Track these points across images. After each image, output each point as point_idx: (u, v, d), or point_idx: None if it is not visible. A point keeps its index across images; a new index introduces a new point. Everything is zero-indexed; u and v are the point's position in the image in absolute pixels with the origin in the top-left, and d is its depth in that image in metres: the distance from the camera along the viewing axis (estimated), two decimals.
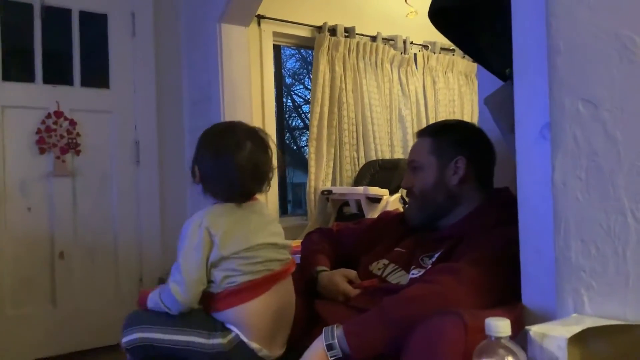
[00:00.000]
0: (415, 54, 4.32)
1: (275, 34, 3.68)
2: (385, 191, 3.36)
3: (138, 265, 3.02)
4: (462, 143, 1.43)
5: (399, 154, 4.08)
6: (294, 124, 9.29)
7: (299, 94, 9.51)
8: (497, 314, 0.84)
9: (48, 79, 2.85)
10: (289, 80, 9.08)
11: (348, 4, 4.02)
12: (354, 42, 3.89)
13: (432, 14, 1.48)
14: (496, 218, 1.32)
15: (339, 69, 3.79)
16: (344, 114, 3.81)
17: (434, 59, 4.38)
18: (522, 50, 1.06)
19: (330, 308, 1.38)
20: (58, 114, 2.83)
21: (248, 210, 1.31)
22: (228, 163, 1.27)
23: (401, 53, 4.19)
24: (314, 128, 3.67)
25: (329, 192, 3.56)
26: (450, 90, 4.47)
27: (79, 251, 2.88)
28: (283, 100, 4.31)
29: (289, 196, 6.07)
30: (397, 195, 3.41)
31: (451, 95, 4.48)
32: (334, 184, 3.77)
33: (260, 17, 3.54)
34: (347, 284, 1.43)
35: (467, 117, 4.43)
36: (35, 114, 2.79)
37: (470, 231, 1.32)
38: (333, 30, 3.81)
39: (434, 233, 1.43)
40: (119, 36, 3.04)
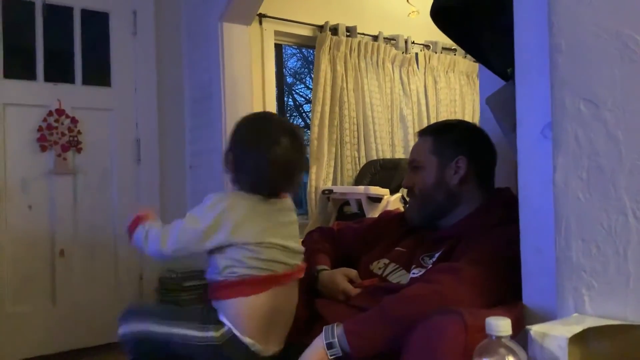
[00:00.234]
0: (416, 54, 4.32)
1: (277, 33, 3.68)
2: (386, 191, 3.36)
3: (138, 264, 3.02)
4: (463, 143, 1.42)
5: (400, 154, 4.08)
6: (294, 123, 9.29)
7: (300, 93, 9.51)
8: (497, 314, 0.83)
9: (49, 77, 2.85)
10: (290, 80, 9.08)
11: (350, 3, 4.02)
12: (355, 41, 3.89)
13: (434, 13, 1.48)
14: (497, 218, 1.32)
15: (340, 68, 3.79)
16: (345, 114, 3.81)
17: (435, 59, 4.38)
18: (523, 50, 1.06)
19: (330, 307, 1.38)
20: (59, 112, 2.83)
21: (272, 207, 1.30)
22: (262, 156, 1.26)
23: (403, 52, 4.19)
24: (315, 127, 3.67)
25: (330, 191, 3.56)
26: (451, 90, 4.47)
27: (80, 249, 2.88)
28: (284, 99, 4.31)
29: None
30: (397, 195, 3.41)
31: (452, 95, 4.48)
32: (334, 183, 3.77)
33: (261, 16, 3.54)
34: (347, 283, 1.43)
35: (468, 117, 4.43)
36: (37, 112, 2.79)
37: (471, 231, 1.31)
38: (335, 30, 3.81)
39: (435, 233, 1.43)
40: (121, 34, 3.04)
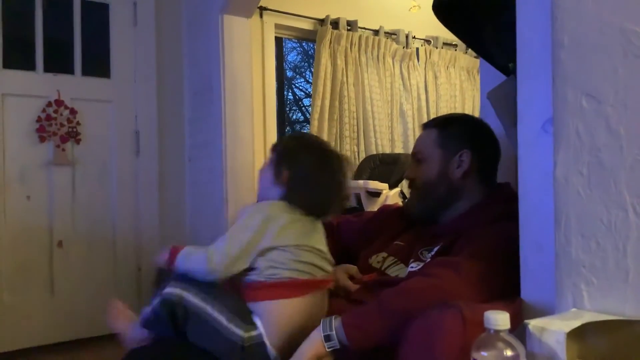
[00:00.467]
0: (417, 49, 4.31)
1: (278, 26, 3.67)
2: (385, 185, 3.36)
3: (136, 256, 3.02)
4: (468, 136, 1.41)
5: (399, 149, 4.08)
6: (294, 117, 9.28)
7: (300, 87, 9.49)
8: (496, 308, 0.84)
9: (49, 68, 2.84)
10: (290, 74, 9.06)
11: None
12: (356, 35, 3.88)
13: (436, 6, 1.47)
14: (496, 213, 1.32)
15: (340, 62, 3.78)
16: (345, 108, 3.81)
17: (436, 54, 4.37)
18: (526, 44, 1.06)
19: (331, 302, 1.38)
20: (59, 103, 2.82)
21: (307, 220, 1.32)
22: (326, 182, 1.31)
23: (403, 47, 4.18)
24: (315, 121, 3.67)
25: None
26: (451, 86, 4.47)
27: (78, 240, 2.88)
28: (284, 93, 4.30)
29: None
30: (396, 189, 3.41)
31: (453, 90, 4.47)
32: None
33: (262, 9, 3.53)
34: (348, 279, 1.44)
35: (468, 113, 4.42)
36: (36, 103, 2.79)
37: (470, 226, 1.31)
38: (335, 24, 3.80)
39: (434, 227, 1.42)
40: (121, 25, 3.02)
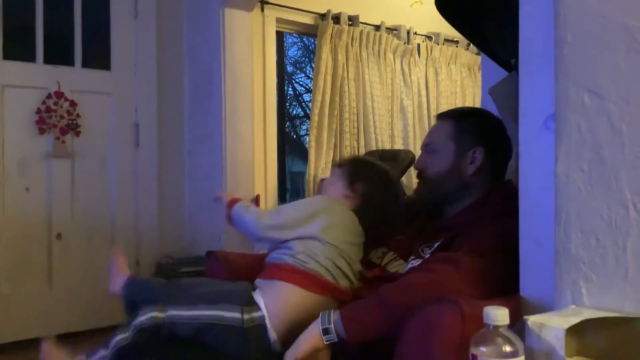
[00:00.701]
0: (418, 45, 4.30)
1: (279, 20, 3.65)
2: None
3: (135, 248, 3.02)
4: (484, 134, 1.39)
5: (399, 145, 4.07)
6: (294, 112, 9.27)
7: (300, 82, 9.48)
8: (495, 304, 0.83)
9: (49, 59, 2.83)
10: (290, 69, 9.04)
11: None
12: (357, 30, 3.86)
13: (439, 2, 1.47)
14: (497, 210, 1.31)
15: (341, 57, 3.77)
16: (345, 103, 3.79)
17: (437, 50, 4.36)
18: (528, 40, 1.05)
19: None
20: (58, 95, 2.82)
21: (357, 234, 1.36)
22: (390, 210, 1.39)
23: (404, 43, 4.17)
24: (315, 116, 3.66)
25: None
26: (452, 82, 4.45)
27: (76, 232, 2.88)
28: (284, 88, 4.29)
29: (288, 184, 6.08)
30: None
31: (453, 87, 4.46)
32: None
33: (263, 3, 3.51)
34: None
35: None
36: (36, 94, 2.78)
37: (471, 222, 1.31)
38: (337, 18, 3.78)
39: (435, 223, 1.42)
40: (121, 17, 3.01)
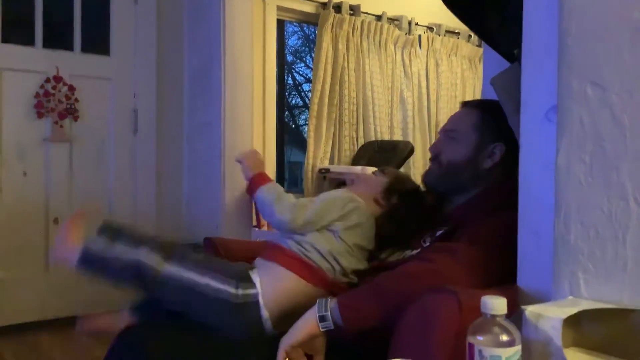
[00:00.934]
0: (419, 36, 4.28)
1: (279, 8, 3.63)
2: None
3: None
4: (507, 130, 1.32)
5: (399, 136, 4.07)
6: (293, 102, 9.24)
7: (300, 72, 9.44)
8: (492, 294, 0.84)
9: (48, 43, 2.81)
10: (290, 58, 9.00)
11: None
12: (358, 20, 3.85)
13: None
14: (499, 202, 1.30)
15: (342, 47, 3.76)
16: (345, 93, 3.79)
17: (438, 42, 4.34)
18: (532, 31, 1.05)
19: None
20: (57, 79, 2.80)
21: (371, 238, 1.37)
22: (409, 218, 1.41)
23: (406, 34, 4.15)
24: (315, 106, 3.65)
25: (327, 170, 3.55)
26: (453, 74, 4.44)
27: None
28: (284, 76, 4.27)
29: (286, 174, 6.07)
30: None
31: (454, 78, 4.45)
32: (332, 162, 3.76)
33: None
34: None
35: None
36: (34, 78, 2.76)
37: (472, 213, 1.31)
38: (338, 7, 3.77)
39: (439, 214, 1.42)
40: (121, 2, 2.99)
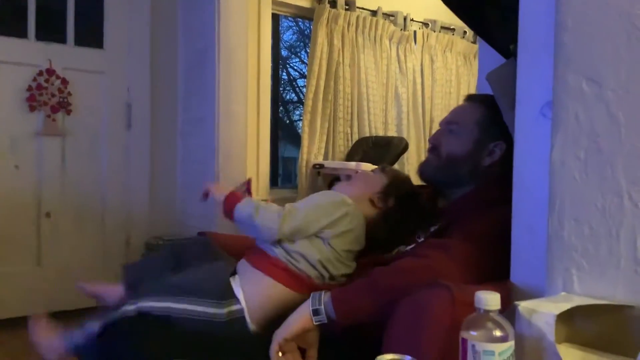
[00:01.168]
0: (415, 32, 4.27)
1: (274, 2, 3.61)
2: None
3: (125, 228, 3.01)
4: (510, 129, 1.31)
5: (393, 132, 4.06)
6: (287, 97, 9.21)
7: (295, 67, 9.42)
8: (486, 289, 0.83)
9: (41, 36, 2.79)
10: (285, 53, 8.97)
11: None
12: (354, 15, 3.83)
13: None
14: (493, 198, 1.30)
15: (337, 42, 3.74)
16: (340, 89, 3.77)
17: (433, 38, 4.34)
18: (528, 26, 1.05)
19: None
20: (50, 72, 2.78)
21: (361, 242, 1.34)
22: (406, 222, 1.38)
23: (401, 30, 4.14)
24: (309, 101, 3.64)
25: (321, 166, 3.54)
26: (447, 70, 4.44)
27: (66, 211, 2.86)
28: (279, 71, 4.26)
29: (280, 170, 6.07)
30: None
31: (448, 75, 4.44)
32: (326, 158, 3.75)
33: None
34: None
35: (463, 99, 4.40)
36: (27, 71, 2.74)
37: (467, 209, 1.31)
38: (333, 2, 3.75)
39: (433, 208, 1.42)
40: None
